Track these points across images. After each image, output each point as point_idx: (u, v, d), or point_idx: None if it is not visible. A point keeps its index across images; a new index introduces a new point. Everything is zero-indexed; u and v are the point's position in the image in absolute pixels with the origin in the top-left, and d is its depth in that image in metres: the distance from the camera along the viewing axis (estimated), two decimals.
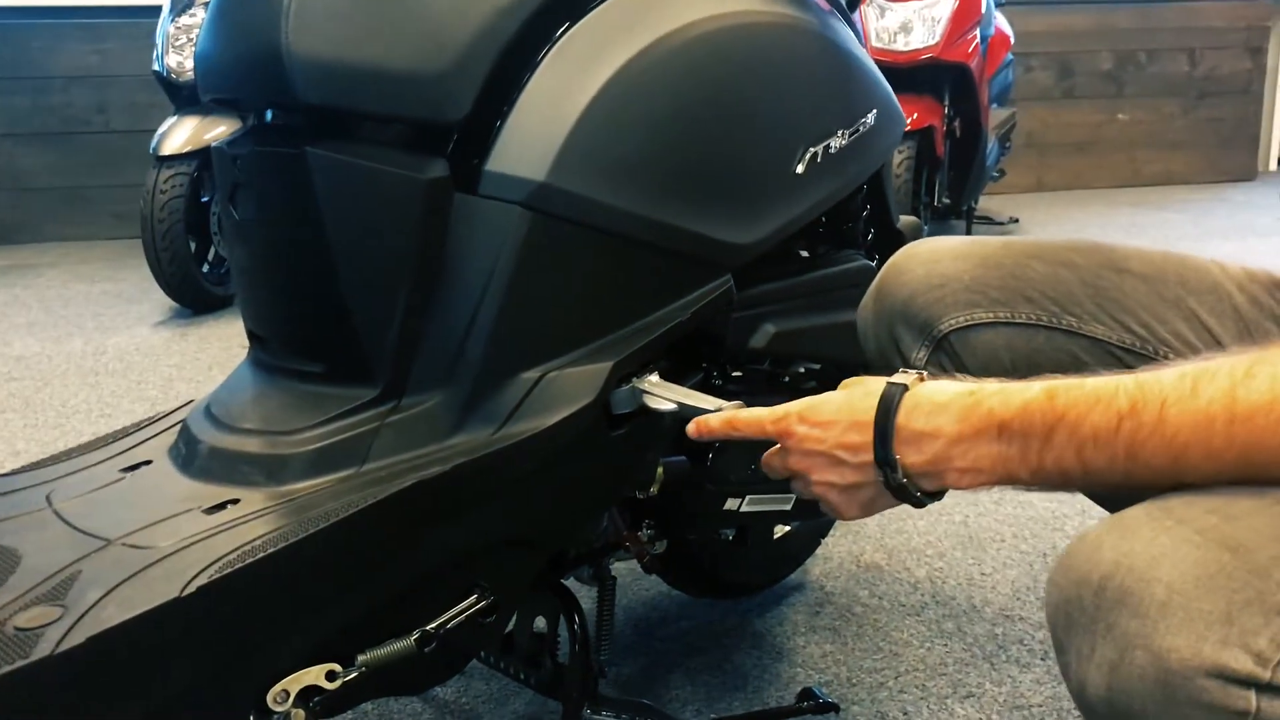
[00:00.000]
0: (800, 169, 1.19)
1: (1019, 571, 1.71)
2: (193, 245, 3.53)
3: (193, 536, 0.92)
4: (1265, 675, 0.61)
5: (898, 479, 0.81)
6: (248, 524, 0.94)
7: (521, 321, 1.03)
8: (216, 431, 1.06)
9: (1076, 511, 1.92)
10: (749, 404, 1.26)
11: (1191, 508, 0.68)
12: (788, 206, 1.19)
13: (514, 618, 1.29)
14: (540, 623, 1.28)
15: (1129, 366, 0.89)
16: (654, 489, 1.17)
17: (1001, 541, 1.82)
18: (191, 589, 0.85)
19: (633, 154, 1.05)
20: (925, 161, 3.80)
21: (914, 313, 1.04)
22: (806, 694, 1.30)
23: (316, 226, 1.01)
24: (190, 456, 1.06)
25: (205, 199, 3.59)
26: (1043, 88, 6.16)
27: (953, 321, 1.01)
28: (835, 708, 1.30)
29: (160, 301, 3.66)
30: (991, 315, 1.00)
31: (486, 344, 1.03)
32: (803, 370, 1.41)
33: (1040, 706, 1.35)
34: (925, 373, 0.84)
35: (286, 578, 0.90)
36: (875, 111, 1.30)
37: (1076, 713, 1.33)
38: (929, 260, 1.05)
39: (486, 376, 1.03)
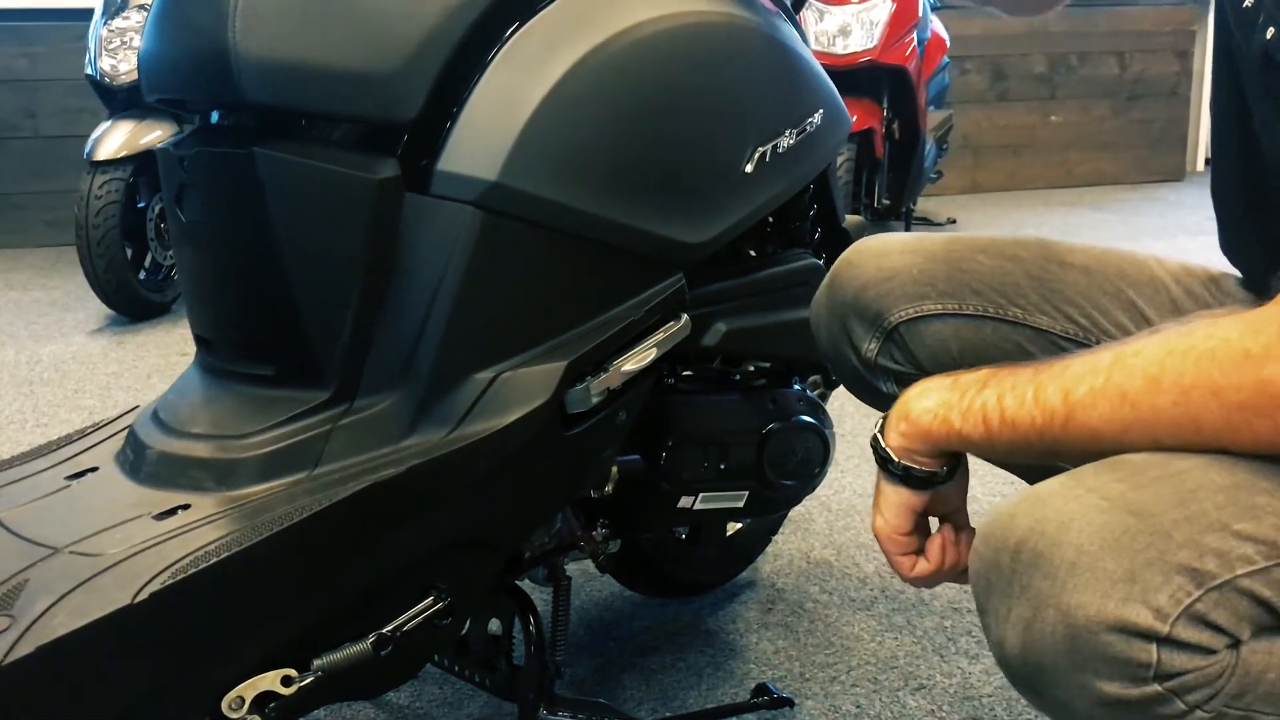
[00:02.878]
0: (749, 168, 1.20)
1: None
2: (129, 252, 3.47)
3: (143, 543, 0.91)
4: (1164, 629, 0.64)
5: (882, 450, 0.88)
6: (199, 529, 0.92)
7: (474, 322, 1.03)
8: (165, 436, 1.05)
9: None
10: (702, 403, 1.27)
11: (1101, 476, 0.72)
12: (738, 205, 1.20)
13: (469, 620, 1.29)
14: (495, 625, 1.27)
15: None
16: (608, 488, 1.18)
17: None
18: (144, 596, 0.84)
19: (584, 153, 1.05)
20: (865, 163, 3.84)
21: (865, 304, 1.06)
22: (761, 690, 1.31)
23: (265, 228, 1.00)
24: (138, 462, 1.05)
25: (141, 204, 3.53)
26: (978, 91, 6.25)
27: (902, 313, 1.04)
28: (789, 702, 1.31)
29: (96, 309, 3.59)
30: (940, 307, 1.03)
31: (439, 345, 1.02)
32: (752, 369, 1.42)
33: (990, 697, 1.37)
34: None
35: (240, 583, 0.89)
36: (822, 111, 1.31)
37: (1018, 699, 1.35)
38: (879, 254, 1.08)
39: (440, 377, 1.03)
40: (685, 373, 1.29)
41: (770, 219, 1.37)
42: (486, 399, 1.03)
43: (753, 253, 1.35)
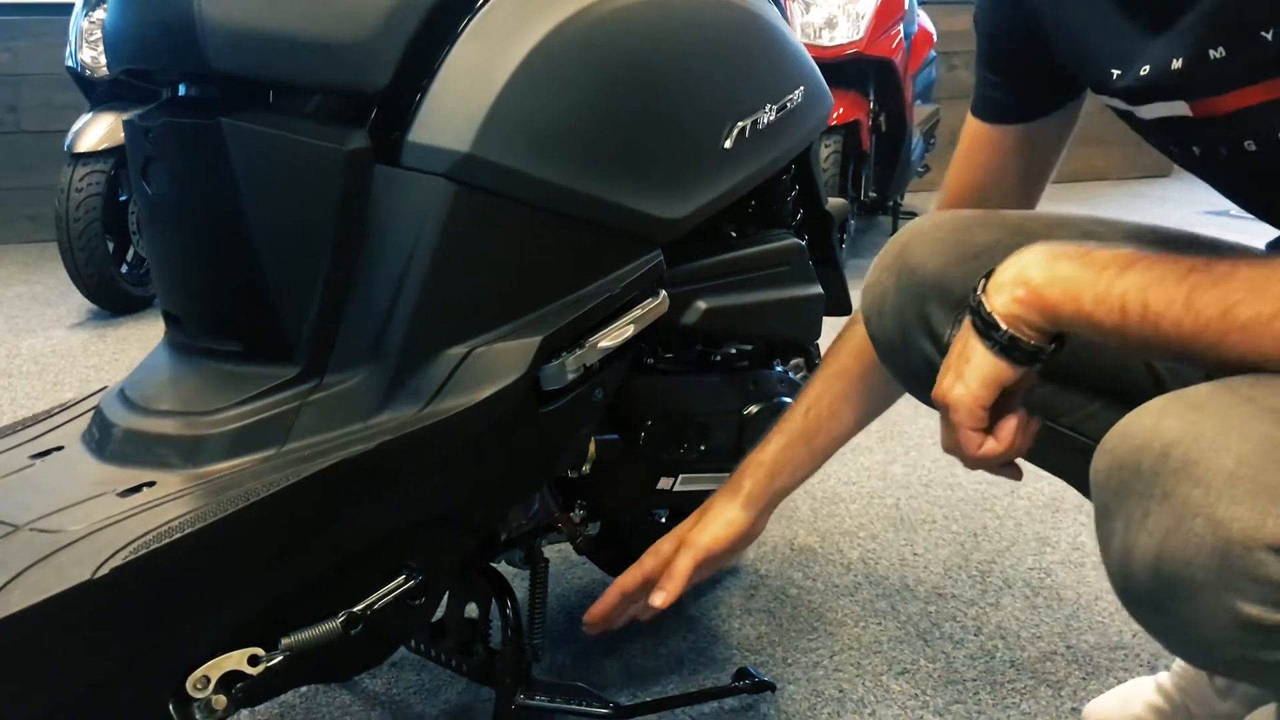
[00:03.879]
0: (728, 144, 1.18)
1: (950, 551, 1.72)
2: (111, 245, 3.44)
3: (106, 520, 0.89)
4: None
5: (986, 314, 0.81)
6: (164, 506, 0.90)
7: (446, 296, 1.01)
8: (131, 414, 1.03)
9: (1005, 493, 1.94)
10: (682, 383, 1.25)
11: (1258, 388, 0.68)
12: (716, 181, 1.18)
13: (444, 603, 1.27)
14: (471, 609, 1.26)
15: None
16: (586, 467, 1.16)
17: (933, 523, 1.83)
18: (104, 571, 0.82)
19: (558, 125, 1.04)
20: (851, 156, 3.83)
21: (950, 286, 0.95)
22: (742, 673, 1.29)
23: (232, 200, 0.98)
24: (104, 441, 1.03)
25: (124, 198, 3.50)
26: (965, 86, 6.22)
27: None
28: (771, 686, 1.29)
29: (78, 303, 3.55)
30: None
31: (410, 320, 1.01)
32: (734, 351, 1.40)
33: (974, 681, 1.36)
34: None
35: (205, 559, 0.87)
36: (802, 89, 1.29)
37: (1009, 684, 1.34)
38: (957, 229, 1.00)
39: (411, 353, 1.01)
40: (666, 354, 1.27)
41: (751, 200, 1.35)
42: (459, 375, 1.01)
43: (733, 234, 1.33)
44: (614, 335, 1.09)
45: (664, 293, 1.13)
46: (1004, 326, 0.80)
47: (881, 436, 2.26)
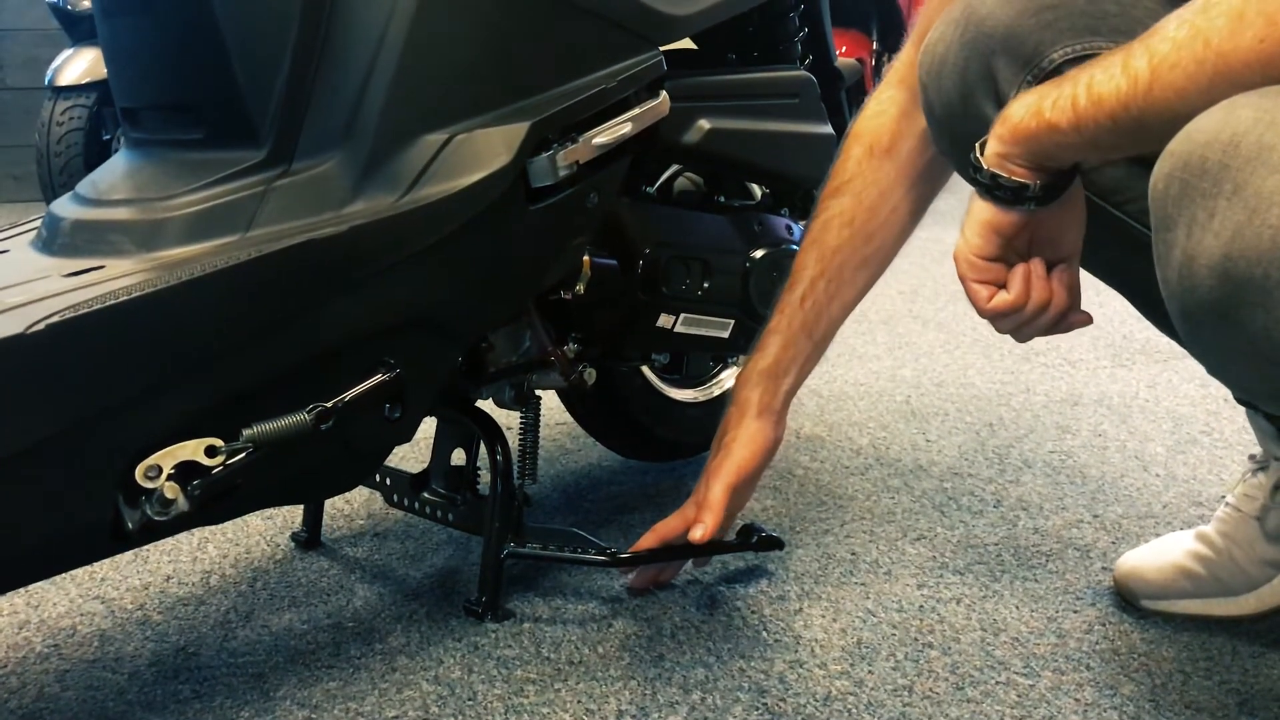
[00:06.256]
0: None
1: (965, 438, 1.64)
2: None
3: (48, 293, 0.80)
4: None
5: (974, 159, 0.80)
6: (113, 281, 0.82)
7: (424, 75, 0.93)
8: (81, 208, 0.95)
9: (1020, 390, 1.86)
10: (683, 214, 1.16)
11: None
12: None
13: (430, 451, 1.18)
14: (458, 457, 1.17)
15: None
16: (580, 287, 1.07)
17: (945, 416, 1.75)
18: (40, 328, 0.73)
19: None
20: (854, 97, 3.74)
21: (1021, 38, 0.85)
22: (748, 530, 1.20)
23: None
24: (52, 237, 0.94)
25: (107, 137, 3.41)
26: None
27: (1066, 50, 0.84)
28: (779, 543, 1.20)
29: None
30: (1111, 45, 0.82)
31: (385, 100, 0.92)
32: (737, 205, 1.32)
33: (996, 545, 1.27)
34: None
35: (152, 330, 0.79)
36: None
37: (1033, 547, 1.26)
38: None
39: (386, 138, 0.93)
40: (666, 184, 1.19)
41: (755, 30, 1.27)
42: (440, 162, 0.93)
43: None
44: (610, 132, 1.00)
45: (664, 93, 1.05)
46: (985, 166, 0.79)
47: (889, 346, 2.17)
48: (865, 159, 1.07)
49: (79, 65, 3.27)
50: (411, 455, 1.49)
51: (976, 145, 0.80)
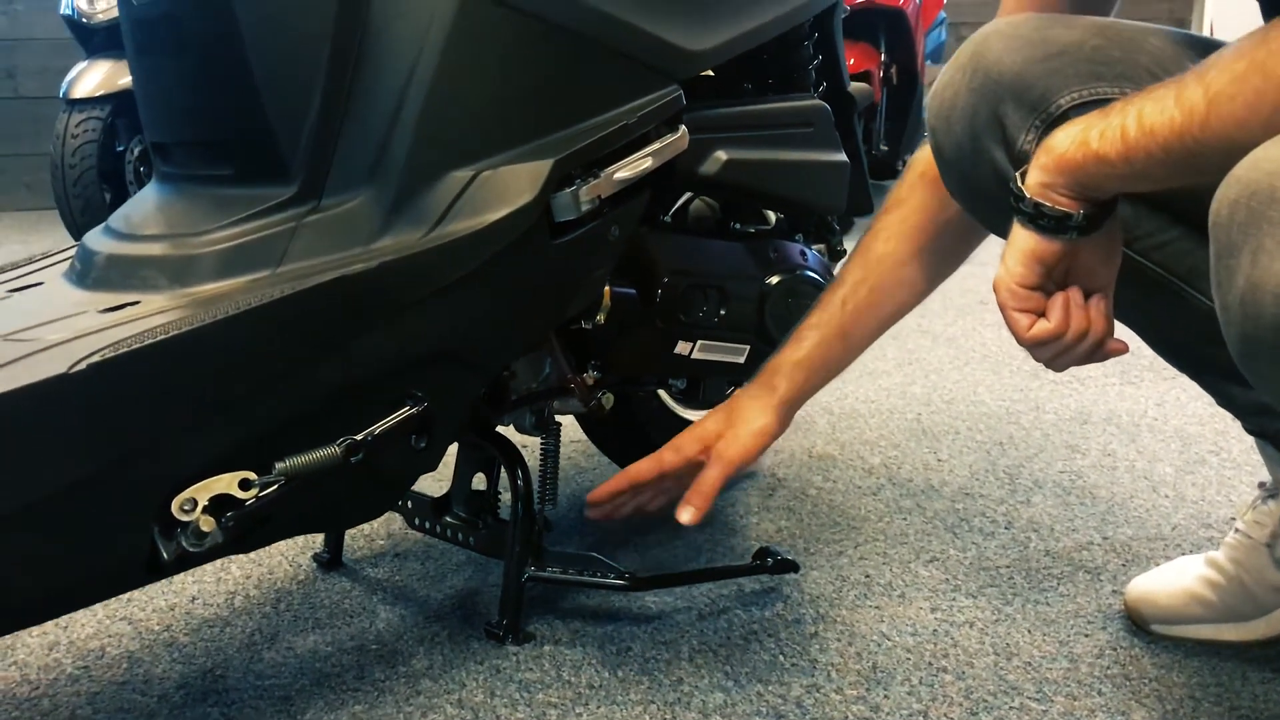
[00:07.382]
0: None
1: (975, 457, 1.65)
2: (108, 196, 3.38)
3: (86, 330, 0.82)
4: None
5: (1016, 189, 0.80)
6: (149, 317, 0.84)
7: (452, 114, 0.95)
8: (115, 242, 0.97)
9: (1030, 407, 1.87)
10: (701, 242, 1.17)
11: None
12: (737, 20, 1.12)
13: (451, 477, 1.20)
14: (479, 481, 1.19)
15: None
16: (600, 317, 1.09)
17: (956, 434, 1.76)
18: (82, 367, 0.75)
19: None
20: (862, 109, 3.76)
21: (1028, 84, 0.87)
22: (764, 553, 1.22)
23: (224, 8, 0.92)
24: (86, 270, 0.96)
25: (120, 148, 3.44)
26: None
27: (1074, 95, 0.86)
28: (794, 566, 1.22)
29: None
30: (1116, 90, 0.85)
31: (413, 138, 0.94)
32: (753, 230, 1.34)
33: (1008, 567, 1.29)
34: None
35: (190, 367, 0.81)
36: None
37: (1044, 570, 1.28)
38: (1039, 27, 0.91)
39: (414, 174, 0.95)
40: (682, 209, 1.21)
41: (771, 61, 1.29)
42: (466, 198, 0.95)
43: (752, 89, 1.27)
44: (631, 167, 1.02)
45: (684, 127, 1.06)
46: (1028, 195, 0.79)
47: (899, 362, 2.19)
48: (918, 182, 1.09)
49: (93, 78, 3.30)
50: (432, 478, 1.51)
51: (1016, 175, 0.81)
